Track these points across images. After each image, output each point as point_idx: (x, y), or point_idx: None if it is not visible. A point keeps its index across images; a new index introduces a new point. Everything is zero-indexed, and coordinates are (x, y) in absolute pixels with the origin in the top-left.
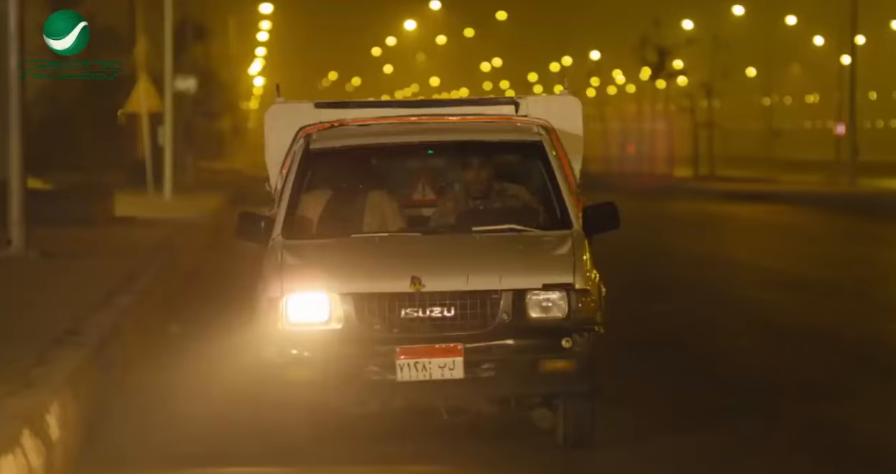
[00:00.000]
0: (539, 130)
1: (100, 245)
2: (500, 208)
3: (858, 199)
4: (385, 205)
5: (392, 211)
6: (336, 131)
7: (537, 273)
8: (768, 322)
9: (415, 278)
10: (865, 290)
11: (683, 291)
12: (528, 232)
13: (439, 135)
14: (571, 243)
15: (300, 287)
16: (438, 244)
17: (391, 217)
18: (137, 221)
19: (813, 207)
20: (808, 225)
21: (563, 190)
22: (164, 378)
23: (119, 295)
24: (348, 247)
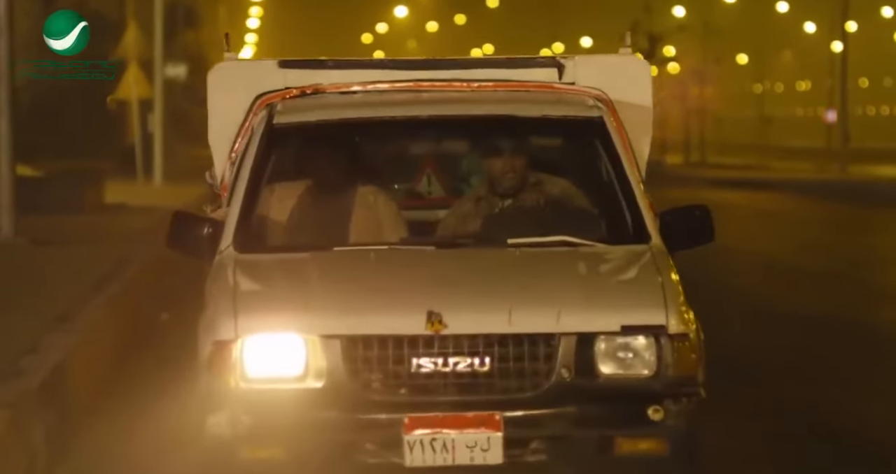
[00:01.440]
0: (595, 103)
1: (90, 232)
2: (543, 211)
3: (849, 186)
4: (380, 204)
5: (390, 213)
6: (309, 101)
7: (612, 309)
8: (761, 308)
9: (432, 314)
10: (859, 277)
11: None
12: (589, 246)
13: (454, 107)
14: (655, 264)
15: (262, 325)
16: (462, 263)
17: (390, 222)
18: (128, 208)
19: (804, 194)
20: (800, 211)
21: (634, 187)
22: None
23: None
24: (331, 266)
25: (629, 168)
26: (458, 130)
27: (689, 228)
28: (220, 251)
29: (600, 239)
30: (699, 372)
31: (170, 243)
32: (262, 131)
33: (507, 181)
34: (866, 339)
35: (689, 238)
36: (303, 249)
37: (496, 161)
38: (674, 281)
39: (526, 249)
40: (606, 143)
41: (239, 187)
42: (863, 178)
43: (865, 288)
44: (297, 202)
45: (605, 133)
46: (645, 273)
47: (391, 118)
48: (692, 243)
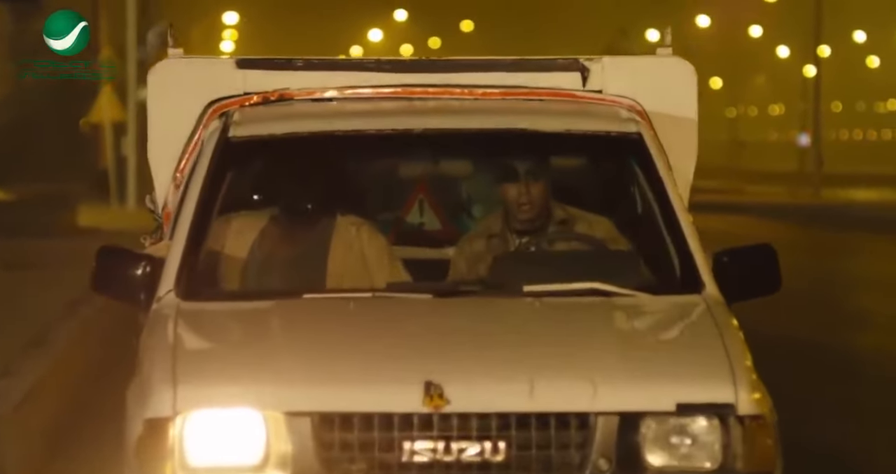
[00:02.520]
0: (631, 116)
1: (62, 256)
2: (569, 251)
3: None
4: (365, 239)
5: (378, 251)
6: (274, 109)
7: (663, 381)
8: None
9: (431, 386)
10: (834, 300)
11: None
12: (627, 296)
13: (454, 119)
14: (714, 321)
15: (209, 398)
16: (468, 317)
17: (377, 262)
18: (101, 233)
19: (778, 218)
20: (774, 236)
21: (682, 221)
22: None
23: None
24: (300, 320)
25: (675, 196)
26: (458, 148)
27: (750, 273)
28: (159, 298)
29: (640, 286)
30: (777, 466)
31: (95, 285)
32: (214, 146)
33: (522, 213)
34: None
35: (750, 286)
36: (265, 297)
37: (509, 188)
38: (740, 343)
39: (548, 299)
40: (646, 165)
41: (185, 216)
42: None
43: (840, 311)
44: (259, 236)
45: (644, 152)
46: (703, 332)
47: (376, 132)
48: (754, 292)
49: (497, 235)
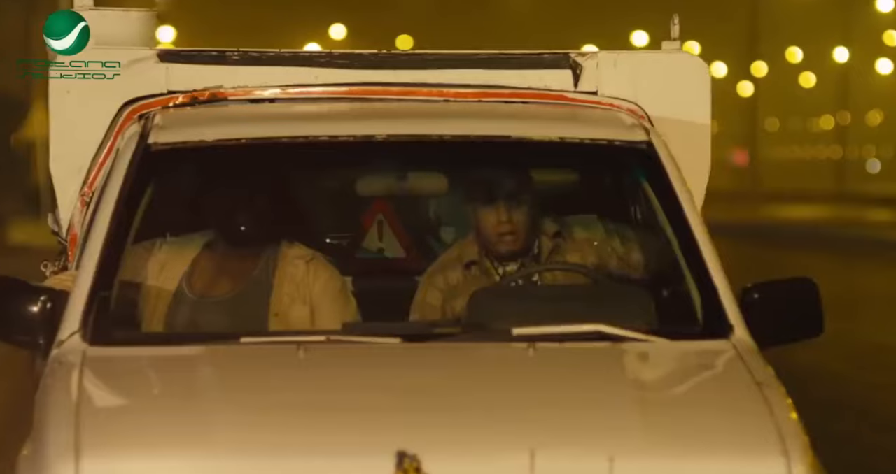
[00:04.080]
0: (637, 121)
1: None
2: (566, 283)
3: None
4: (316, 271)
5: (331, 285)
6: (203, 112)
7: (697, 455)
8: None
9: (404, 457)
10: None
11: None
12: (641, 342)
13: (420, 124)
14: (752, 376)
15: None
16: (447, 368)
17: (330, 298)
18: (32, 250)
19: (716, 236)
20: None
21: (703, 248)
22: None
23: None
24: (237, 370)
25: (694, 218)
26: (426, 159)
27: (786, 313)
28: (60, 341)
29: (655, 329)
30: None
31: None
32: (131, 156)
33: (503, 244)
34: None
35: (789, 327)
36: (194, 341)
37: (486, 214)
38: (787, 402)
39: (543, 345)
40: (659, 181)
41: (94, 240)
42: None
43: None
44: (190, 267)
45: (656, 165)
46: (740, 390)
47: (328, 139)
48: (794, 335)
49: (475, 262)
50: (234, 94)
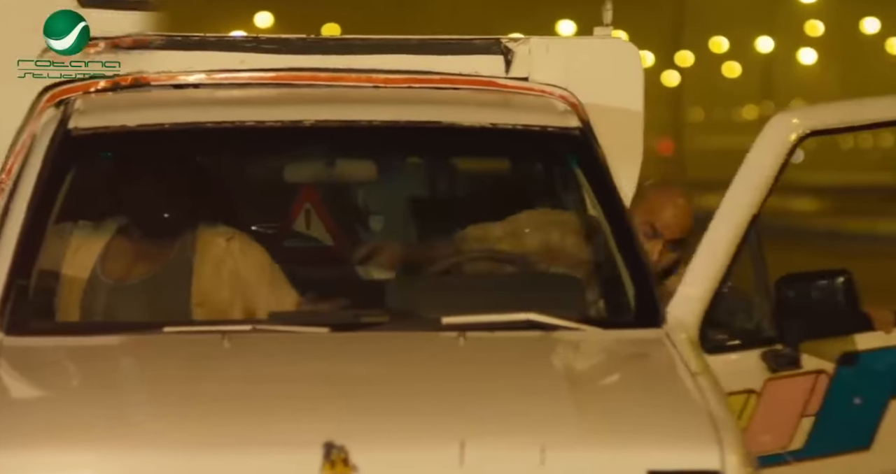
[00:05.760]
0: (569, 108)
1: None
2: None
3: None
4: (239, 254)
5: (255, 266)
6: (125, 97)
7: (629, 443)
8: None
9: (332, 449)
10: None
11: None
12: (572, 331)
13: (349, 110)
14: (686, 365)
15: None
16: (375, 357)
17: (255, 281)
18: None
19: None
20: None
21: (634, 236)
22: None
23: None
24: (158, 361)
25: (623, 208)
26: (355, 145)
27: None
28: None
29: (586, 318)
30: None
31: None
32: (50, 141)
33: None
34: None
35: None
36: (113, 330)
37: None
38: (720, 391)
39: (473, 334)
40: (592, 169)
41: (10, 228)
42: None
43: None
44: (103, 252)
45: (589, 153)
46: (673, 379)
47: (254, 124)
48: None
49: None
50: (157, 79)
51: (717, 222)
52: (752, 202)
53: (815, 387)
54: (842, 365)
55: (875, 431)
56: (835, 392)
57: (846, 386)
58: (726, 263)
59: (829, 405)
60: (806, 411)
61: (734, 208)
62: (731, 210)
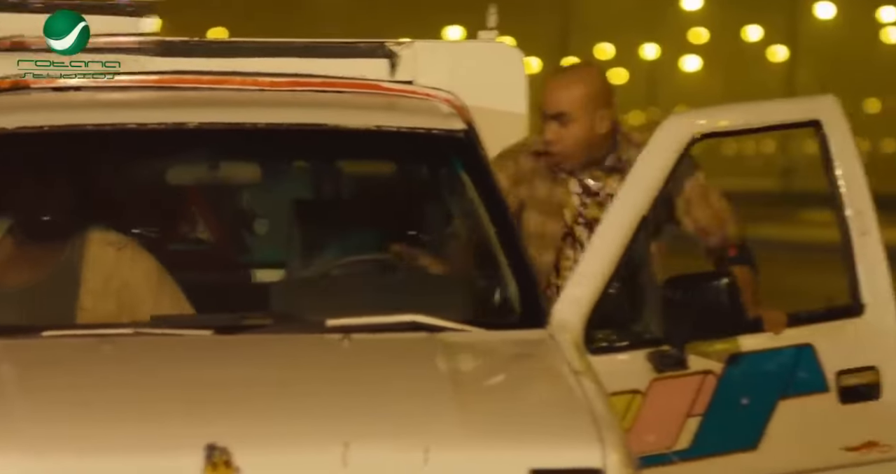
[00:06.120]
0: (454, 111)
1: None
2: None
3: None
4: (128, 263)
5: (144, 276)
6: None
7: (511, 443)
8: None
9: (214, 450)
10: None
11: None
12: (457, 332)
13: (233, 113)
14: (569, 364)
15: None
16: (259, 360)
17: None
18: None
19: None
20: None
21: (518, 239)
22: None
23: None
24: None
25: (508, 210)
26: (240, 148)
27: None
28: None
29: (471, 319)
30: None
31: None
32: None
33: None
34: None
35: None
36: None
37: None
38: (602, 391)
39: (358, 336)
40: (477, 171)
41: None
42: None
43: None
44: None
45: (473, 155)
46: (556, 378)
47: (136, 126)
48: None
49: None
50: (37, 82)
51: (606, 223)
52: (641, 204)
53: (702, 388)
54: (730, 366)
55: (762, 432)
56: (722, 392)
57: (734, 387)
58: (613, 265)
59: (715, 405)
60: (692, 411)
61: (623, 210)
62: (620, 211)
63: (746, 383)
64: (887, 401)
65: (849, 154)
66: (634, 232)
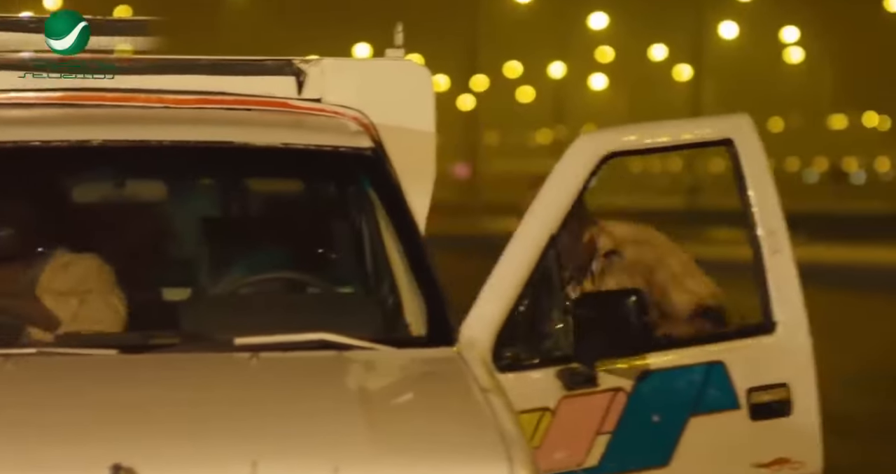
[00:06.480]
0: (361, 129)
1: None
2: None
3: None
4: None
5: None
6: None
7: (421, 460)
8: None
9: (119, 470)
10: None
11: None
12: (366, 350)
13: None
14: (477, 382)
15: None
16: (167, 379)
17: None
18: None
19: (440, 249)
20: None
21: (427, 257)
22: None
23: None
24: None
25: (416, 228)
26: (143, 165)
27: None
28: None
29: (380, 338)
30: None
31: None
32: None
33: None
34: None
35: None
36: None
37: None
38: (510, 408)
39: (267, 355)
40: (385, 190)
41: None
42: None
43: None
44: None
45: (382, 173)
46: (464, 396)
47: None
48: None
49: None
50: None
51: (515, 242)
52: (550, 222)
53: (612, 405)
54: (640, 383)
55: (673, 449)
56: (632, 410)
57: (644, 404)
58: (522, 282)
59: (625, 423)
60: (602, 429)
61: (532, 228)
62: (529, 230)
63: (657, 400)
64: (798, 418)
65: (761, 173)
66: (543, 250)
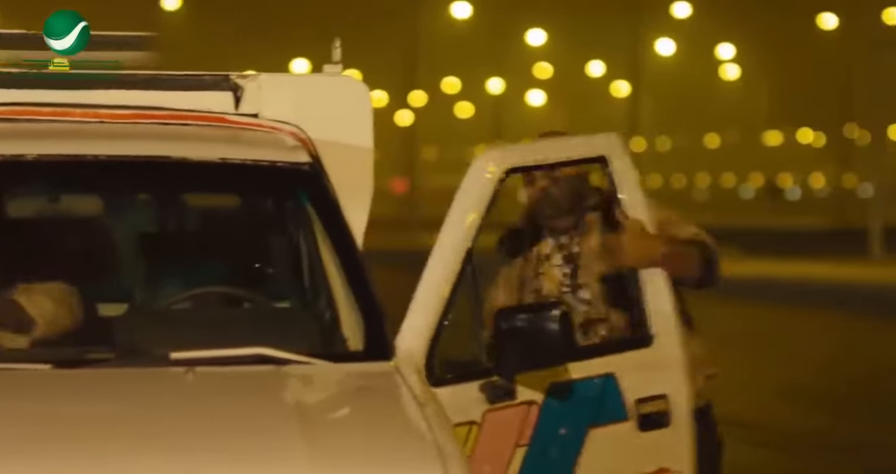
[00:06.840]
0: (297, 144)
1: None
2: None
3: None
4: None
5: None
6: None
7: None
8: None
9: None
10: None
11: None
12: (303, 364)
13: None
14: (413, 394)
15: None
16: (101, 394)
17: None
18: None
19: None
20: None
21: (366, 273)
22: None
23: None
24: None
25: (354, 243)
26: (78, 180)
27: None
28: None
29: (317, 352)
30: None
31: None
32: None
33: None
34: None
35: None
36: None
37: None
38: (445, 420)
39: (203, 369)
40: (323, 205)
41: None
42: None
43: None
44: None
45: (319, 188)
46: (399, 408)
47: None
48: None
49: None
50: None
51: (435, 256)
52: (464, 237)
53: (527, 418)
54: (549, 396)
55: (575, 461)
56: (543, 422)
57: (553, 417)
58: (446, 296)
59: (537, 435)
60: (519, 442)
61: (449, 243)
62: (446, 244)
63: (563, 413)
64: (676, 429)
65: (631, 187)
66: (461, 264)
